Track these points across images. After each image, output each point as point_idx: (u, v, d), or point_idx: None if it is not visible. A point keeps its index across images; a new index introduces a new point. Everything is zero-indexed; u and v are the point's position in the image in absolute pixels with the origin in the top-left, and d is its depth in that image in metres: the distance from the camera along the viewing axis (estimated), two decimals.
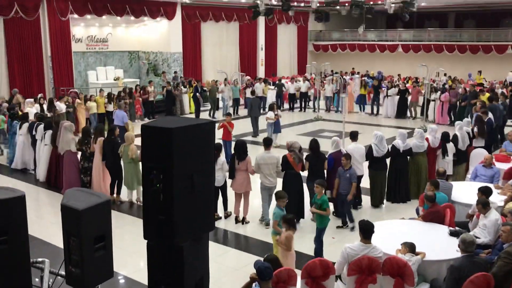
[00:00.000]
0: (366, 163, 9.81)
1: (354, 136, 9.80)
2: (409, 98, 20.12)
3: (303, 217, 8.96)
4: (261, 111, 18.02)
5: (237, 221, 9.12)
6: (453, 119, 17.76)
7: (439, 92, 18.89)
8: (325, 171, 9.08)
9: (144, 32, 26.14)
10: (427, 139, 10.31)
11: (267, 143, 9.06)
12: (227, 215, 9.32)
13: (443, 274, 5.84)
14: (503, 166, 9.60)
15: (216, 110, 20.35)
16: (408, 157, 10.12)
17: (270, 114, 14.70)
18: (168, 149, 3.78)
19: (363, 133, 11.06)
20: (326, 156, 9.19)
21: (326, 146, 10.14)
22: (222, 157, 9.17)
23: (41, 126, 11.74)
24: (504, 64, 26.73)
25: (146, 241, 4.02)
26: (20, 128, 12.55)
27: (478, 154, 10.64)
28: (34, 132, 12.01)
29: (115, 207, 9.81)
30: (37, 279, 4.01)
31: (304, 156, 9.08)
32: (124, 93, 18.25)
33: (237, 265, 7.56)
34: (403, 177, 10.04)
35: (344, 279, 5.95)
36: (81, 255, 3.40)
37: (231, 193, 9.26)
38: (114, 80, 23.22)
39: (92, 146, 10.16)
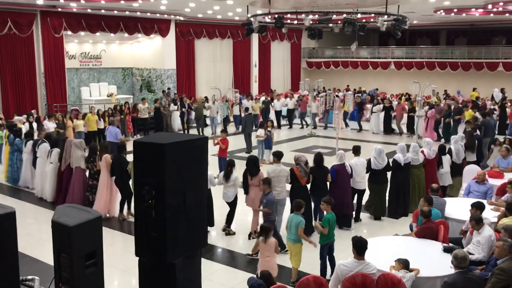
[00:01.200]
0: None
1: (356, 150, 9.97)
2: (394, 114, 20.39)
3: (313, 231, 8.88)
4: (254, 127, 17.97)
5: (250, 237, 9.07)
6: (441, 135, 18.14)
7: (425, 108, 19.04)
8: (328, 183, 9.20)
9: (138, 49, 26.23)
10: (422, 152, 10.45)
11: (279, 157, 9.16)
12: (228, 233, 9.22)
13: None
14: (496, 182, 9.62)
15: (204, 127, 20.11)
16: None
17: (260, 132, 14.74)
18: (160, 164, 3.77)
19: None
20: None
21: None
22: (235, 173, 9.12)
23: (45, 144, 11.43)
24: (495, 81, 27.01)
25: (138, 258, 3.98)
26: (25, 145, 12.21)
27: (471, 171, 10.67)
28: (36, 149, 11.65)
29: (109, 223, 9.71)
30: None
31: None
32: (114, 110, 18.13)
33: (231, 283, 7.48)
34: (405, 191, 10.14)
35: None
36: (72, 272, 3.36)
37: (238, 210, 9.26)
38: (107, 96, 23.23)
39: (98, 164, 10.00)
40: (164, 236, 3.79)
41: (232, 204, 9.16)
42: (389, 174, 10.12)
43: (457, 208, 8.31)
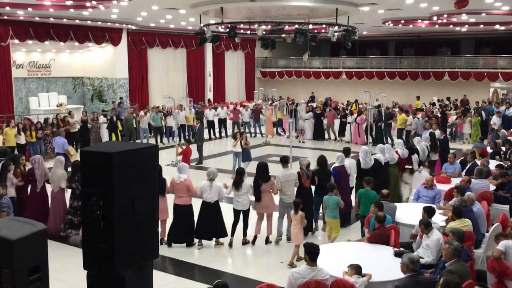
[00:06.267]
0: None
1: (347, 152, 10.66)
2: (325, 121, 21.38)
3: (311, 230, 9.49)
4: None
5: (252, 241, 9.19)
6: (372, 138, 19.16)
7: (354, 115, 20.30)
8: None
9: (89, 58, 25.69)
10: (396, 152, 11.38)
11: (285, 161, 9.43)
12: (245, 242, 9.20)
13: None
14: (443, 187, 9.94)
15: (134, 140, 19.29)
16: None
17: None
18: (108, 174, 3.67)
19: (311, 156, 11.33)
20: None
21: (274, 171, 10.13)
22: (247, 181, 9.12)
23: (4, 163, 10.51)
24: (442, 90, 28.02)
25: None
26: None
27: (420, 177, 10.98)
28: None
29: (59, 237, 9.36)
30: None
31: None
32: (44, 123, 17.06)
33: None
34: (385, 188, 10.67)
35: None
36: None
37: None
38: (57, 106, 22.59)
39: None
40: (113, 248, 3.69)
41: (246, 212, 9.16)
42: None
43: (407, 213, 8.51)
